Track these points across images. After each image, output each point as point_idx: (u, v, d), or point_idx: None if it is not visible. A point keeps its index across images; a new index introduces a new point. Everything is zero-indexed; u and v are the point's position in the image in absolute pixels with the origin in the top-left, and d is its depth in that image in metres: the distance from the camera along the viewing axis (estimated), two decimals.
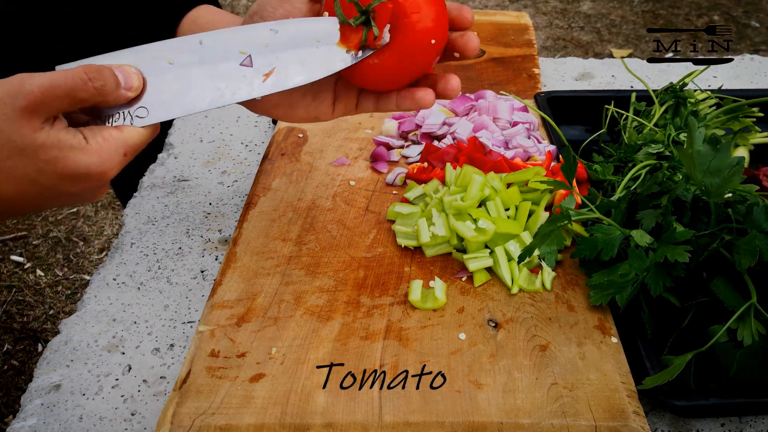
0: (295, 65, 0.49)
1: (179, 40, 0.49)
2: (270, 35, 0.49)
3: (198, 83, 0.48)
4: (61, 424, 0.52)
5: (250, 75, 0.48)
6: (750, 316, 0.49)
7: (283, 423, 0.47)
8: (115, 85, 0.46)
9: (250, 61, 0.48)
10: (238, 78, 0.48)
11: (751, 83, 0.97)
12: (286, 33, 0.49)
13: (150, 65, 0.48)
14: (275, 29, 0.49)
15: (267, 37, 0.49)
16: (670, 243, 0.52)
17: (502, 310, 0.55)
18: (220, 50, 0.49)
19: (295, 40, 0.49)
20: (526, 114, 0.79)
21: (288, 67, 0.49)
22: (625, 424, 0.46)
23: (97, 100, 0.45)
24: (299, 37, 0.49)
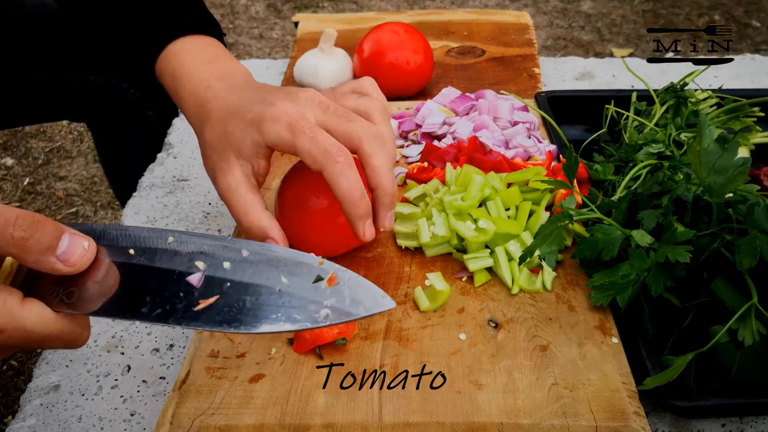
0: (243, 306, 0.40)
1: (148, 230, 0.42)
2: (239, 255, 0.42)
3: (136, 288, 0.40)
4: (60, 425, 0.52)
5: (187, 298, 0.40)
6: (751, 316, 0.48)
7: (282, 423, 0.47)
8: (46, 247, 0.37)
9: (199, 280, 0.40)
10: (174, 297, 0.40)
11: (751, 83, 0.97)
12: (259, 256, 0.42)
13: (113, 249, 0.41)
14: (254, 251, 0.42)
15: (234, 255, 0.41)
16: (671, 243, 0.52)
17: (502, 311, 0.55)
18: (182, 255, 0.41)
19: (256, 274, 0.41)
20: (527, 114, 0.78)
21: (232, 305, 0.40)
22: (626, 425, 0.46)
23: (11, 252, 0.37)
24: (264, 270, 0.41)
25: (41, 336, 0.38)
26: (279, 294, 0.40)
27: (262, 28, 2.81)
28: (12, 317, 0.37)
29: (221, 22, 2.83)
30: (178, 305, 0.40)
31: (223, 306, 0.40)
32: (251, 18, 2.87)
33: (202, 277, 0.41)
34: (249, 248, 0.42)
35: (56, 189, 1.92)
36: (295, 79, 0.92)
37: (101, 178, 1.95)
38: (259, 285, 0.41)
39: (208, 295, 0.40)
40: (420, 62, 0.88)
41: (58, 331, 0.38)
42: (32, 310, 0.37)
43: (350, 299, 0.41)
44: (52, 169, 1.99)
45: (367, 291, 0.41)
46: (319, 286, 0.41)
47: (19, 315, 0.37)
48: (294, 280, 0.41)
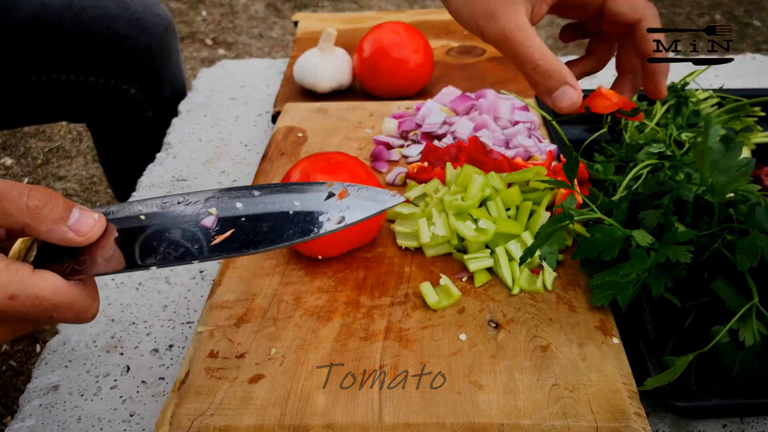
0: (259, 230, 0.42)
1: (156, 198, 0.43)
2: (250, 194, 0.43)
3: (150, 243, 0.41)
4: (59, 425, 0.52)
5: (203, 238, 0.41)
6: (752, 316, 0.48)
7: (282, 424, 0.47)
8: (59, 217, 0.38)
9: (213, 222, 0.41)
10: (190, 240, 0.41)
11: (752, 83, 0.97)
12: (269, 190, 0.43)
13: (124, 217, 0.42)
14: (263, 189, 0.43)
15: (245, 195, 0.43)
16: (672, 243, 0.52)
17: (502, 311, 0.55)
18: (193, 206, 0.42)
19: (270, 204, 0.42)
20: (527, 113, 0.78)
21: (248, 233, 0.41)
22: (627, 425, 0.46)
23: (26, 221, 0.38)
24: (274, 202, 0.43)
25: (53, 304, 0.38)
26: (293, 215, 0.42)
27: (262, 27, 2.80)
28: (24, 284, 0.37)
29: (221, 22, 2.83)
30: (194, 245, 0.41)
31: (240, 235, 0.41)
32: (251, 17, 2.87)
33: (216, 219, 0.42)
34: (259, 189, 0.43)
35: (55, 189, 1.92)
36: (294, 78, 0.92)
37: (100, 178, 1.95)
38: (273, 212, 0.42)
39: (224, 231, 0.41)
40: (420, 62, 0.88)
41: (69, 299, 0.39)
42: (44, 278, 0.38)
43: (362, 203, 0.42)
44: (51, 169, 1.99)
45: (377, 194, 0.43)
46: (330, 201, 0.42)
47: (31, 282, 0.37)
48: (306, 201, 0.42)
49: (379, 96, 0.90)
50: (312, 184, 0.43)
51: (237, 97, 0.97)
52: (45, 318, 0.39)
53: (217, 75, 1.03)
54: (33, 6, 0.92)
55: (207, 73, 1.04)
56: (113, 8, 0.96)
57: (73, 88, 0.97)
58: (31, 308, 0.38)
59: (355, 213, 0.42)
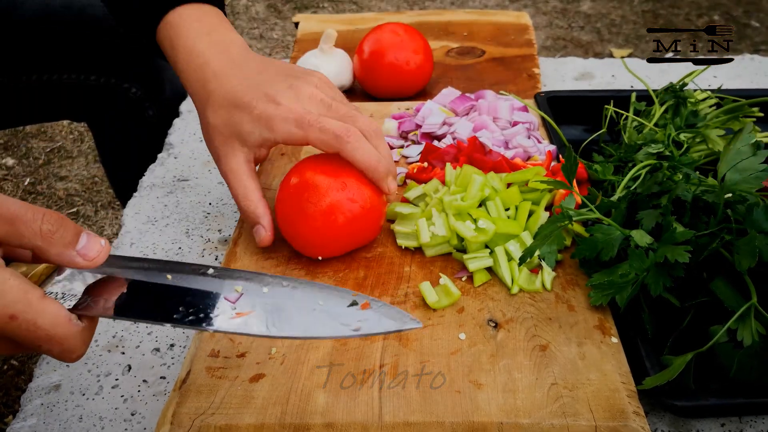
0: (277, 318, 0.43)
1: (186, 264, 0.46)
2: (278, 282, 0.45)
3: (168, 299, 0.43)
4: (60, 424, 0.52)
5: (223, 310, 0.43)
6: (750, 316, 0.49)
7: (283, 423, 0.47)
8: (69, 242, 0.40)
9: (236, 299, 0.44)
10: (210, 308, 0.43)
11: (751, 83, 0.97)
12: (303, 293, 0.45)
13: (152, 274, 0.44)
14: (291, 281, 0.45)
15: (273, 281, 0.45)
16: (670, 243, 0.52)
17: (502, 310, 0.55)
18: (222, 280, 0.45)
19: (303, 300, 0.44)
20: (526, 114, 0.79)
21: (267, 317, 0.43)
22: (625, 424, 0.46)
23: (38, 244, 0.39)
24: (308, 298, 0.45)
25: (47, 335, 0.39)
26: (314, 311, 0.44)
27: (263, 28, 2.81)
28: (29, 307, 0.38)
29: None
30: (214, 315, 0.43)
31: (258, 318, 0.43)
32: (251, 18, 2.87)
33: (240, 296, 0.43)
34: (287, 280, 0.45)
35: (57, 189, 1.93)
36: None
37: (102, 178, 1.95)
38: (295, 304, 0.44)
39: (245, 310, 0.43)
40: (420, 62, 0.88)
41: (62, 334, 0.39)
42: (48, 307, 0.39)
43: (380, 319, 0.44)
44: (52, 169, 1.99)
45: (397, 314, 0.45)
46: (352, 309, 0.44)
47: (35, 307, 0.38)
48: (330, 302, 0.44)
49: (379, 97, 0.90)
50: (340, 289, 0.45)
51: None
52: (35, 346, 0.39)
53: None
54: (34, 5, 0.93)
55: None
56: None
57: (74, 88, 0.97)
58: (26, 332, 0.38)
59: (372, 326, 0.44)
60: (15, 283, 0.38)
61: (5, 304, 0.37)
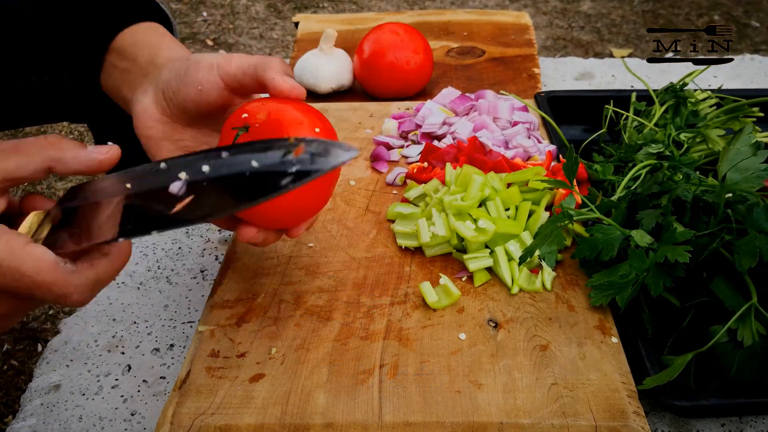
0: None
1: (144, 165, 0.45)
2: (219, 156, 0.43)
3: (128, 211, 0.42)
4: (60, 424, 0.52)
5: (167, 204, 0.42)
6: (750, 316, 0.49)
7: (283, 423, 0.47)
8: (77, 145, 0.42)
9: (180, 188, 0.42)
10: (155, 206, 0.42)
11: (751, 83, 0.97)
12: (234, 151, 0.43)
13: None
14: (231, 151, 0.44)
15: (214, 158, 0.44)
16: (671, 243, 0.52)
17: (502, 310, 0.55)
18: (167, 176, 0.43)
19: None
20: (526, 114, 0.78)
21: (205, 201, 0.42)
22: (626, 424, 0.46)
23: (50, 154, 0.41)
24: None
25: (33, 281, 0.38)
26: (250, 177, 0.41)
27: (263, 28, 2.81)
28: (11, 255, 0.37)
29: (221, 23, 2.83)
30: (157, 214, 0.41)
31: (197, 203, 0.41)
32: (251, 18, 2.87)
33: (184, 184, 0.42)
34: (229, 149, 0.43)
35: (57, 189, 1.92)
36: (295, 79, 0.92)
37: None
38: (232, 174, 0.42)
39: (186, 198, 0.42)
40: (420, 62, 0.88)
41: (49, 279, 0.38)
42: (32, 253, 0.38)
43: (315, 159, 0.41)
44: None
45: (332, 147, 0.41)
46: (287, 158, 0.41)
47: (18, 254, 0.38)
48: (264, 159, 0.42)
49: (379, 97, 0.90)
50: (276, 141, 0.42)
51: None
52: (27, 294, 0.39)
53: None
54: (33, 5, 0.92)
55: None
56: None
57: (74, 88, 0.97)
58: (12, 281, 0.38)
59: (309, 171, 0.40)
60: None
61: None
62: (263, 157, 0.42)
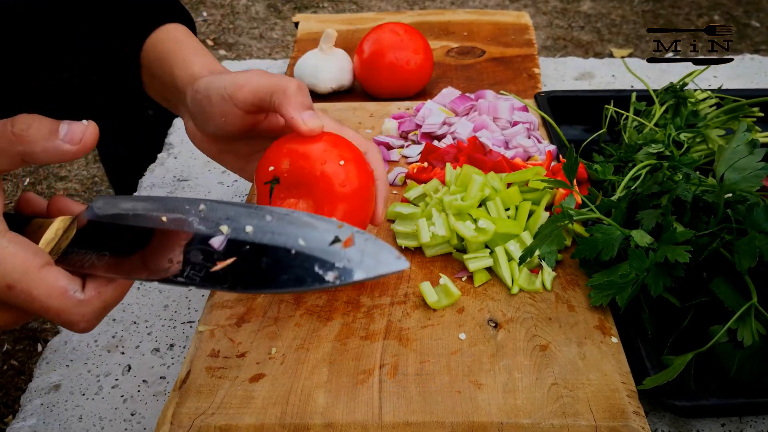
0: None
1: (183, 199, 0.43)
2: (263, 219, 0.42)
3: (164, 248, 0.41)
4: (60, 424, 0.52)
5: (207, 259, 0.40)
6: (750, 316, 0.49)
7: (283, 423, 0.47)
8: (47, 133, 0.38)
9: (221, 243, 0.41)
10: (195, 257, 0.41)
11: (751, 83, 0.97)
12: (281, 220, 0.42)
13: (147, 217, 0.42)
14: (276, 215, 0.42)
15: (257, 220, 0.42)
16: (671, 243, 0.52)
17: (502, 310, 0.55)
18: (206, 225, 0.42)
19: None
20: (526, 114, 0.78)
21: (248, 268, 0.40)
22: (626, 424, 0.46)
23: (19, 149, 0.38)
24: None
25: (42, 306, 0.38)
26: (294, 256, 0.40)
27: (263, 28, 2.81)
28: (25, 277, 0.37)
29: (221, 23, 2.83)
30: (197, 267, 0.40)
31: (238, 269, 0.40)
32: (251, 18, 2.87)
33: (225, 240, 0.41)
34: (272, 213, 0.42)
35: (57, 189, 1.93)
36: None
37: (101, 178, 1.95)
38: (276, 246, 0.40)
39: (228, 257, 0.41)
40: (420, 62, 0.88)
41: (57, 306, 0.38)
42: (45, 278, 0.38)
43: (364, 260, 0.40)
44: (52, 169, 1.99)
45: (382, 251, 0.40)
46: (334, 248, 0.40)
47: (31, 278, 0.37)
48: (311, 241, 0.41)
49: (379, 97, 0.90)
50: (322, 221, 0.41)
51: None
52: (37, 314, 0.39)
53: None
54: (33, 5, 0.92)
55: None
56: None
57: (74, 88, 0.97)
58: (23, 303, 0.38)
59: (354, 272, 0.39)
60: (13, 251, 0.37)
61: (3, 273, 0.36)
62: (310, 235, 0.41)
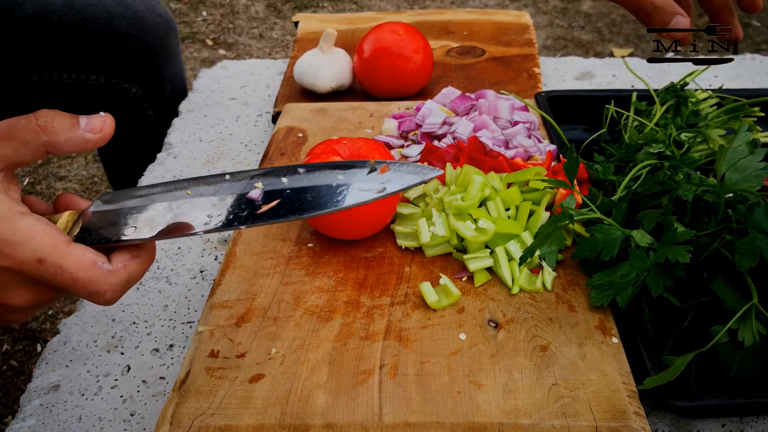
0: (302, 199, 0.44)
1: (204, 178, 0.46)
2: (295, 171, 0.45)
3: (196, 210, 0.43)
4: (60, 425, 0.52)
5: (249, 207, 0.43)
6: (751, 316, 0.48)
7: (282, 423, 0.47)
8: (70, 125, 0.41)
9: (259, 195, 0.44)
10: (236, 209, 0.43)
11: (752, 83, 0.97)
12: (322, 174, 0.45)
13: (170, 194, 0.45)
14: (308, 169, 0.45)
15: (290, 171, 0.45)
16: (671, 243, 0.52)
17: (502, 310, 0.55)
18: (239, 185, 0.44)
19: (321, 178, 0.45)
20: (527, 113, 0.78)
21: (294, 202, 0.44)
22: (626, 425, 0.46)
23: (43, 140, 0.40)
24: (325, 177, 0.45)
25: (72, 277, 0.39)
26: (336, 187, 0.44)
27: (262, 28, 2.80)
28: (55, 251, 0.39)
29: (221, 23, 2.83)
30: (241, 213, 0.43)
31: (286, 204, 0.43)
32: (251, 18, 2.87)
33: (262, 192, 0.44)
34: (304, 167, 0.45)
35: (56, 189, 1.92)
36: (295, 79, 0.92)
37: (101, 178, 1.95)
38: (317, 185, 0.44)
39: (270, 202, 0.43)
40: (420, 62, 0.88)
41: (86, 277, 0.40)
42: (74, 252, 0.40)
43: (402, 175, 0.44)
44: (52, 169, 1.99)
45: (417, 167, 0.44)
46: (372, 175, 0.44)
47: (61, 252, 0.39)
48: (349, 175, 0.44)
49: (379, 96, 0.90)
50: (355, 162, 0.45)
51: (237, 98, 0.97)
52: (65, 289, 0.41)
53: (218, 75, 1.03)
54: (34, 5, 0.92)
55: (207, 74, 1.04)
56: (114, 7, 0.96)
57: (74, 88, 0.97)
58: (53, 276, 0.39)
59: (396, 184, 0.43)
60: (41, 228, 0.39)
61: (34, 248, 0.39)
62: (347, 172, 0.44)
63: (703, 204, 0.56)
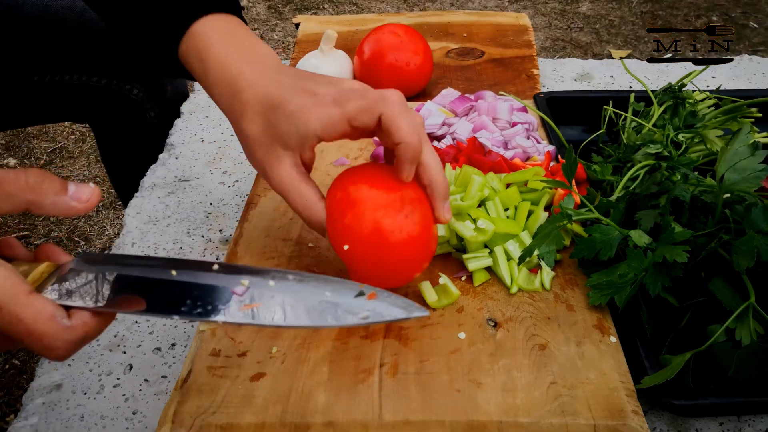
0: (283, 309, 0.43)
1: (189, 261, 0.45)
2: (284, 276, 0.45)
3: (174, 293, 0.43)
4: (62, 423, 0.53)
5: (231, 302, 0.43)
6: (748, 316, 0.49)
7: (283, 422, 0.47)
8: (58, 189, 0.41)
9: (243, 291, 0.43)
10: (217, 301, 0.43)
11: (749, 84, 0.97)
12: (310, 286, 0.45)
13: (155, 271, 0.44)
14: (298, 278, 0.45)
15: (279, 276, 0.45)
16: (669, 243, 0.53)
17: (501, 310, 0.56)
18: (227, 277, 0.44)
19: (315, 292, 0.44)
20: (526, 114, 0.79)
21: (275, 309, 0.43)
22: (624, 423, 0.46)
23: (29, 198, 0.40)
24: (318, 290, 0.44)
25: (27, 329, 0.38)
26: (321, 302, 0.44)
27: (263, 29, 2.81)
28: (14, 299, 0.38)
29: None
30: (221, 307, 0.42)
31: (267, 308, 0.43)
32: (252, 19, 2.88)
33: (246, 289, 0.43)
34: (293, 274, 0.45)
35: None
36: None
37: (103, 179, 1.95)
38: (303, 297, 0.44)
39: (253, 303, 0.43)
40: (420, 63, 0.88)
41: (42, 330, 0.39)
42: (33, 303, 0.39)
43: (388, 307, 0.44)
44: (54, 170, 1.99)
45: (404, 303, 0.45)
46: (360, 299, 0.44)
47: (20, 301, 0.38)
48: (337, 293, 0.44)
49: None
50: (347, 282, 0.45)
51: None
52: (18, 339, 0.39)
53: None
54: (35, 6, 0.93)
55: None
56: None
57: (76, 89, 0.97)
58: (8, 325, 0.38)
59: (380, 315, 0.44)
60: (4, 274, 0.38)
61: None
62: (336, 290, 0.44)
63: (700, 204, 0.57)
